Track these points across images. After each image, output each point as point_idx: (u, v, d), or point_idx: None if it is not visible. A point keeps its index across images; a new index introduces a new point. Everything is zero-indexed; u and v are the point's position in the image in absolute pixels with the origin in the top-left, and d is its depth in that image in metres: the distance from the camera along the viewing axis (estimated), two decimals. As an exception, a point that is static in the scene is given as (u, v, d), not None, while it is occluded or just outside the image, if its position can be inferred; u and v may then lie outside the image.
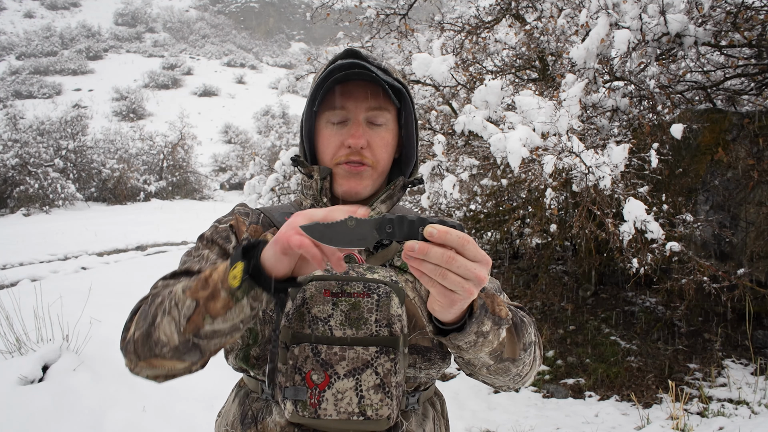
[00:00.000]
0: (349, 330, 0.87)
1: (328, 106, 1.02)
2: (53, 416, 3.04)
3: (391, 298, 0.90)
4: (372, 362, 0.86)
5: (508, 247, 7.92)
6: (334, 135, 1.02)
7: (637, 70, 4.37)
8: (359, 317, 0.88)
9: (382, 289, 0.90)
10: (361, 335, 0.87)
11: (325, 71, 0.99)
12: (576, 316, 5.62)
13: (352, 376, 0.85)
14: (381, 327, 0.88)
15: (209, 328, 0.78)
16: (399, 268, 1.04)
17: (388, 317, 0.88)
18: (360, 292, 0.89)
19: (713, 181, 4.52)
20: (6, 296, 4.53)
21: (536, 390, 4.64)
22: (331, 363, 0.85)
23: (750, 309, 4.26)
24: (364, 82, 1.00)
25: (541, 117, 3.83)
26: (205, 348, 0.81)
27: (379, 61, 1.03)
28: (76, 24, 59.72)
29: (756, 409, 3.78)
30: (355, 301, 0.88)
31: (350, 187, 1.02)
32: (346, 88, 1.00)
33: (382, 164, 1.04)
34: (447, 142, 5.30)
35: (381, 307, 0.89)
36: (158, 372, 0.85)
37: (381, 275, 0.92)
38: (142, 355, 0.83)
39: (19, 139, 17.12)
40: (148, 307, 0.86)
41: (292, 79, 7.62)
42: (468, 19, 6.48)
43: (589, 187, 3.62)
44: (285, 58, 63.56)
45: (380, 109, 1.02)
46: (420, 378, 1.02)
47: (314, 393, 0.84)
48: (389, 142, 1.05)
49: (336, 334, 0.86)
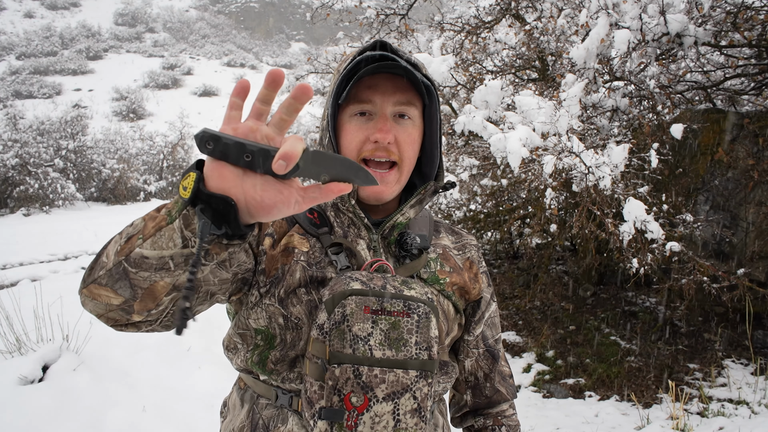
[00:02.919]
0: (389, 351, 0.84)
1: (354, 98, 0.97)
2: (53, 416, 3.04)
3: (430, 320, 0.87)
4: (411, 386, 0.84)
5: (508, 247, 7.92)
6: (359, 129, 0.97)
7: (637, 70, 4.37)
8: (399, 338, 0.85)
9: (422, 309, 0.87)
10: (401, 357, 0.84)
11: (352, 62, 0.95)
12: (576, 316, 5.61)
13: (391, 400, 0.83)
14: (421, 350, 0.85)
15: (138, 250, 0.71)
16: (425, 280, 1.02)
17: (428, 340, 0.86)
18: (400, 310, 0.86)
19: (713, 181, 4.52)
20: (6, 296, 4.53)
21: (536, 390, 4.64)
22: (371, 386, 0.82)
23: (750, 309, 4.26)
24: (393, 75, 0.96)
25: (541, 117, 3.83)
26: (134, 280, 0.72)
27: (408, 56, 0.99)
28: (76, 24, 59.71)
29: (756, 409, 3.78)
30: (395, 321, 0.85)
31: (374, 191, 0.97)
32: (374, 80, 0.96)
33: (407, 162, 1.00)
34: (447, 142, 5.30)
35: (421, 328, 0.86)
36: (99, 307, 0.77)
37: (417, 292, 0.89)
38: (87, 280, 0.78)
39: (19, 139, 17.10)
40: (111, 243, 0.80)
41: (292, 79, 7.62)
42: (468, 19, 6.48)
43: (589, 187, 3.62)
44: (285, 58, 63.54)
45: (408, 103, 0.98)
46: (438, 392, 1.04)
47: (352, 415, 0.82)
48: (416, 138, 1.00)
49: (376, 355, 0.83)
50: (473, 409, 1.16)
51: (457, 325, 1.08)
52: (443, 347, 1.02)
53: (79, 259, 8.33)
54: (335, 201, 1.02)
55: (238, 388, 1.07)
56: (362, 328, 0.84)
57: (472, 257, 1.13)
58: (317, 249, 0.98)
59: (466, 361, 1.13)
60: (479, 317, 1.12)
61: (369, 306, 0.85)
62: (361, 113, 0.97)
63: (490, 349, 1.14)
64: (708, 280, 3.83)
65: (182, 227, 0.68)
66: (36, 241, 9.77)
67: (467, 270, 1.10)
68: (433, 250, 1.07)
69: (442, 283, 1.03)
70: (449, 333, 1.05)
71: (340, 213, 1.02)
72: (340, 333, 0.83)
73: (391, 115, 0.97)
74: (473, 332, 1.12)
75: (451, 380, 1.06)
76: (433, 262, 1.04)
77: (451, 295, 1.04)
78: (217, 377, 3.69)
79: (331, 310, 0.85)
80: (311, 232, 0.99)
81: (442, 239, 1.11)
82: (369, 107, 0.96)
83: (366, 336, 0.84)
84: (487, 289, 1.14)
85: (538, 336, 5.41)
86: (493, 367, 1.14)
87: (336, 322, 0.84)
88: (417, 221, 1.09)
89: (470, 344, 1.12)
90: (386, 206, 1.05)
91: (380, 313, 0.85)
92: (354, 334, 0.83)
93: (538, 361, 5.07)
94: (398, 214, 1.00)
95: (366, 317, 0.84)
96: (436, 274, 1.04)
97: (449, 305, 1.04)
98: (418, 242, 1.00)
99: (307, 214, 1.01)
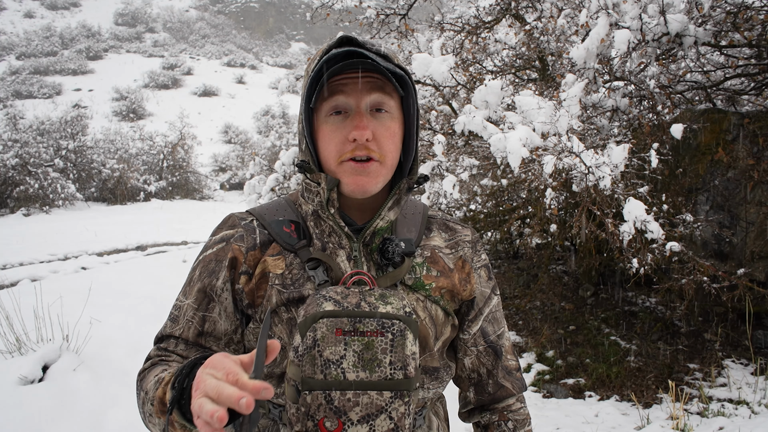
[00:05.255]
0: (363, 373, 0.82)
1: (326, 98, 0.93)
2: (53, 416, 3.04)
3: (405, 337, 0.84)
4: (386, 407, 0.82)
5: (508, 247, 7.92)
6: (335, 130, 0.93)
7: (637, 70, 4.37)
8: (373, 358, 0.83)
9: (396, 326, 0.84)
10: (375, 378, 0.82)
11: (318, 63, 0.90)
12: (576, 316, 5.62)
13: (366, 422, 0.82)
14: (396, 370, 0.83)
15: None
16: (410, 287, 1.00)
17: (402, 359, 0.84)
18: (374, 330, 0.84)
19: (713, 181, 4.52)
20: (6, 296, 4.53)
21: (536, 390, 4.64)
22: (344, 410, 0.81)
23: (750, 309, 4.26)
24: (364, 70, 0.92)
25: (541, 117, 3.83)
26: None
27: (377, 47, 0.94)
28: (76, 24, 59.71)
29: (756, 409, 3.78)
30: (369, 341, 0.83)
31: (357, 184, 0.94)
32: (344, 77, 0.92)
33: (389, 158, 0.96)
34: (447, 142, 5.31)
35: (395, 347, 0.84)
36: None
37: (394, 306, 0.86)
38: None
39: (19, 139, 17.11)
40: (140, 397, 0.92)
41: (292, 79, 7.65)
42: (468, 19, 6.48)
43: (589, 187, 3.63)
44: (285, 58, 63.55)
45: (383, 94, 0.94)
46: (428, 397, 1.02)
47: None
48: (396, 131, 0.96)
49: (349, 377, 0.82)
50: (478, 405, 1.14)
51: (450, 327, 1.05)
52: (432, 353, 1.00)
53: (79, 259, 8.33)
54: (315, 208, 1.00)
55: None
56: (334, 351, 0.82)
57: (465, 255, 1.09)
58: (295, 265, 0.96)
59: (466, 359, 1.11)
60: (475, 315, 1.09)
61: (341, 328, 0.83)
62: (336, 112, 0.93)
63: (492, 345, 1.11)
64: (708, 280, 3.83)
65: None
66: (36, 241, 9.77)
67: (458, 270, 1.07)
68: (420, 254, 1.03)
69: (428, 289, 1.01)
70: (439, 337, 1.02)
71: (321, 221, 1.01)
72: (311, 358, 0.82)
73: (366, 110, 0.93)
74: (469, 330, 1.10)
75: (443, 384, 1.05)
76: (418, 267, 1.02)
77: (439, 300, 1.02)
78: (217, 377, 3.69)
79: (304, 333, 0.83)
80: (288, 249, 0.98)
81: (432, 239, 1.08)
82: (342, 104, 0.93)
83: (338, 359, 0.82)
84: (486, 283, 1.11)
85: (538, 336, 5.41)
86: (495, 363, 1.11)
87: (308, 347, 0.82)
88: (406, 221, 1.06)
89: (468, 342, 1.10)
90: (373, 205, 1.02)
91: (353, 335, 0.83)
92: (325, 359, 0.82)
93: (538, 361, 5.07)
94: (377, 219, 0.98)
95: (338, 340, 0.83)
96: (421, 279, 1.01)
97: (437, 309, 1.01)
98: (402, 248, 0.97)
99: (284, 228, 1.00)
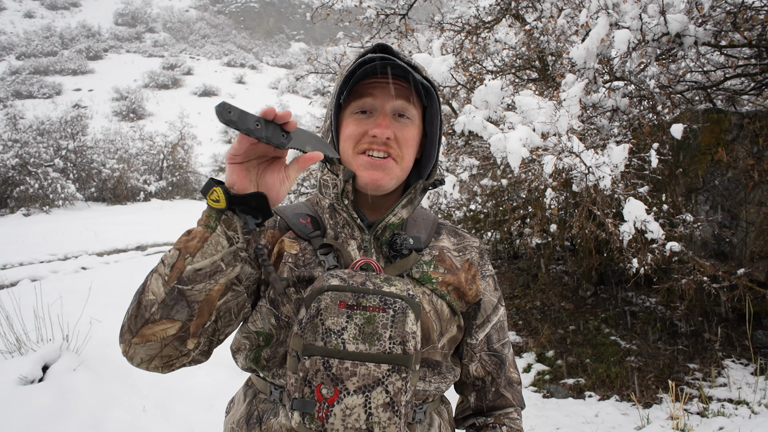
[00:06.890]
0: (362, 345, 0.85)
1: (355, 98, 1.00)
2: (53, 416, 3.04)
3: (407, 315, 0.87)
4: (383, 380, 0.84)
5: (508, 247, 7.92)
6: (358, 125, 1.00)
7: (637, 70, 4.37)
8: (373, 332, 0.86)
9: (398, 304, 0.88)
10: (374, 351, 0.85)
11: (354, 63, 0.98)
12: (576, 316, 5.62)
13: (362, 393, 0.84)
14: (395, 344, 0.86)
15: (190, 268, 0.83)
16: (417, 280, 1.02)
17: (402, 335, 0.86)
18: (376, 306, 0.87)
19: (713, 181, 4.52)
20: (6, 296, 4.53)
21: (536, 390, 4.64)
22: (341, 378, 0.84)
23: (750, 309, 4.26)
24: (393, 77, 0.99)
25: (541, 117, 3.83)
26: (190, 296, 0.83)
27: (409, 59, 1.01)
28: (76, 24, 59.73)
29: (756, 409, 3.78)
30: (370, 315, 0.86)
31: (372, 179, 0.98)
32: (375, 81, 1.00)
33: (406, 160, 1.01)
34: (447, 142, 5.31)
35: (396, 323, 0.87)
36: (152, 348, 0.84)
37: (398, 288, 0.90)
38: (134, 328, 0.84)
39: (19, 139, 17.11)
40: (140, 284, 0.89)
41: (292, 79, 7.63)
42: (468, 19, 6.48)
43: (589, 187, 3.63)
44: (285, 58, 63.54)
45: (408, 103, 1.00)
46: (429, 391, 1.03)
47: (323, 407, 0.83)
48: (414, 138, 1.02)
49: (349, 348, 0.85)
50: (476, 411, 1.15)
51: (456, 327, 1.07)
52: (435, 346, 1.02)
53: (79, 259, 8.33)
54: (332, 202, 1.04)
55: (246, 385, 1.10)
56: (336, 322, 0.85)
57: (472, 259, 1.13)
58: (308, 251, 1.01)
59: (471, 365, 1.12)
60: (483, 321, 1.11)
61: (345, 301, 0.87)
62: (362, 111, 1.00)
63: (497, 354, 1.13)
64: (708, 280, 3.83)
65: (225, 230, 0.85)
66: (36, 241, 9.77)
67: (465, 271, 1.10)
68: (428, 252, 1.07)
69: (434, 282, 1.04)
70: (444, 333, 1.04)
71: (336, 213, 1.05)
72: (313, 326, 0.85)
73: (390, 114, 1.00)
74: (476, 336, 1.11)
75: (445, 380, 1.05)
76: (426, 265, 1.05)
77: (446, 295, 1.04)
78: (217, 378, 3.69)
79: (309, 305, 0.87)
80: (303, 236, 1.02)
81: (441, 241, 1.12)
82: (369, 106, 0.99)
83: (340, 330, 0.85)
84: (493, 293, 1.14)
85: (538, 336, 5.41)
86: (499, 371, 1.13)
87: (311, 316, 0.86)
88: (417, 223, 1.10)
89: (474, 348, 1.12)
90: (385, 205, 1.06)
91: (355, 308, 0.87)
92: (327, 328, 0.85)
93: (538, 361, 5.07)
94: (390, 215, 1.01)
95: (341, 312, 0.86)
96: (428, 274, 1.04)
97: (443, 305, 1.04)
98: (410, 243, 1.01)
99: (300, 220, 1.05)
